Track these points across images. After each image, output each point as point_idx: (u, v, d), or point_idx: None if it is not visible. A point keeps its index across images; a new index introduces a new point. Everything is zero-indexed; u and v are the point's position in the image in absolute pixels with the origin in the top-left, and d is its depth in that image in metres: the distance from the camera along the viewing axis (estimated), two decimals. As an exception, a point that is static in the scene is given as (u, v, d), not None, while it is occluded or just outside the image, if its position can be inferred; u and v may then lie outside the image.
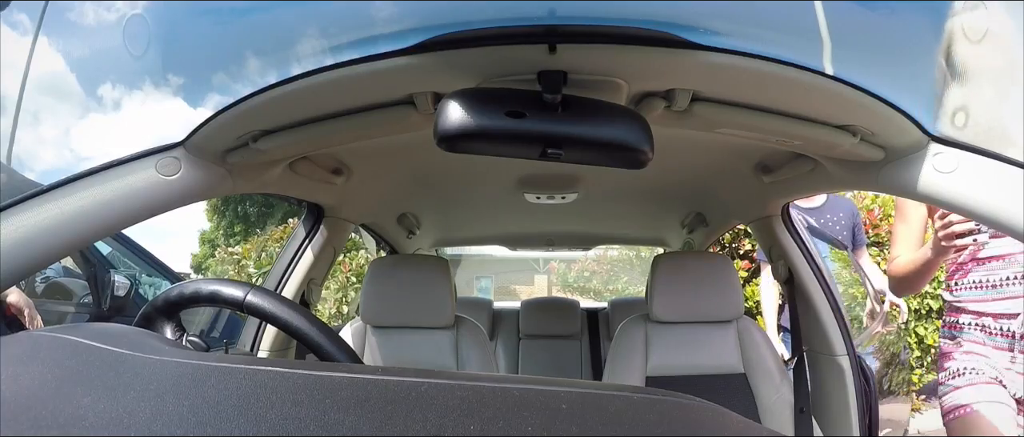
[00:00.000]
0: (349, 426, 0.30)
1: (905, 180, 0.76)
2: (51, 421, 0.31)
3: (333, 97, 0.70)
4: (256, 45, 0.63)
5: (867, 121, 0.74)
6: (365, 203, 1.60)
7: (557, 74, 0.61)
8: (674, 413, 0.33)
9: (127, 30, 0.64)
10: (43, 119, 0.71)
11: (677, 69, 0.66)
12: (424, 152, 1.17)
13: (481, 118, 0.59)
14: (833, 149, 0.83)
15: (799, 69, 0.61)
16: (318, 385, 0.33)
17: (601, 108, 0.63)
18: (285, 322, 0.54)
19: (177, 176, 0.72)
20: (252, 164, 0.85)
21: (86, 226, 0.66)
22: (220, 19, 0.65)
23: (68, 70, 0.67)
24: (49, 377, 0.35)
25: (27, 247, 0.63)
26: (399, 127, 0.78)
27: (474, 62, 0.62)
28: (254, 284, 0.59)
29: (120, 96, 0.66)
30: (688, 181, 1.47)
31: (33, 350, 0.38)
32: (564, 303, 2.95)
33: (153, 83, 0.66)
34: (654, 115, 0.73)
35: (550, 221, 2.13)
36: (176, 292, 0.57)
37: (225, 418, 0.31)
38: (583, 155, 0.64)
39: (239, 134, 0.76)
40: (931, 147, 0.72)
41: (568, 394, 0.33)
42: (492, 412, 0.31)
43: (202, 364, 0.36)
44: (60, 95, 0.67)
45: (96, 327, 0.43)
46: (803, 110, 0.75)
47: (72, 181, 0.66)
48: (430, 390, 0.33)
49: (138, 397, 0.33)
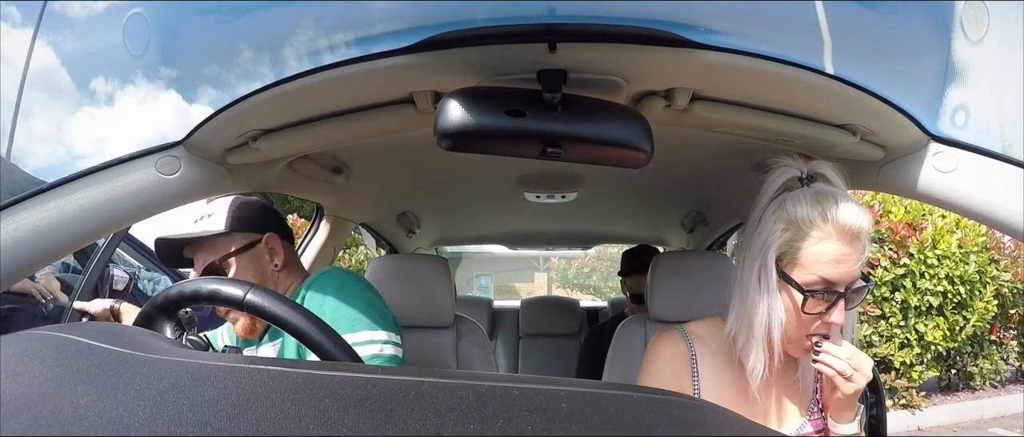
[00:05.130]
0: (349, 425, 0.30)
1: (905, 179, 0.76)
2: (50, 420, 0.31)
3: (333, 96, 0.70)
4: (256, 44, 0.63)
5: (867, 120, 0.74)
6: (365, 202, 1.60)
7: (557, 73, 0.61)
8: (674, 412, 0.33)
9: (127, 28, 0.64)
10: (41, 117, 0.70)
11: (677, 68, 0.66)
12: (424, 151, 1.17)
13: (481, 117, 0.59)
14: (833, 148, 0.83)
15: (799, 68, 0.61)
16: (318, 384, 0.33)
17: (601, 107, 0.63)
18: (285, 321, 0.54)
19: (177, 175, 0.72)
20: (252, 163, 0.85)
21: (86, 225, 0.66)
22: (220, 18, 0.65)
23: (66, 68, 0.67)
24: (48, 376, 0.35)
25: (28, 245, 0.63)
26: (399, 126, 0.78)
27: (474, 61, 0.62)
28: (253, 283, 0.59)
29: (119, 95, 0.66)
30: (688, 180, 1.47)
31: (32, 349, 0.38)
32: (564, 302, 2.95)
33: (152, 82, 0.66)
34: (654, 114, 0.73)
35: (550, 220, 2.13)
36: (176, 291, 0.57)
37: (225, 417, 0.30)
38: (583, 154, 0.64)
39: (239, 133, 0.76)
40: (931, 146, 0.72)
41: (568, 393, 0.33)
42: (492, 411, 0.31)
43: (202, 363, 0.36)
44: (58, 93, 0.67)
45: (96, 326, 0.43)
46: (803, 109, 0.75)
47: (72, 180, 0.66)
48: (430, 389, 0.33)
49: (138, 396, 0.33)
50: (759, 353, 0.77)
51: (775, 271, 0.75)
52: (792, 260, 0.74)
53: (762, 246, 0.76)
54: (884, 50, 0.65)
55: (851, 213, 0.71)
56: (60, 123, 0.68)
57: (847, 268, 0.72)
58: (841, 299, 0.72)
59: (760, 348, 0.76)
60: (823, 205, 0.72)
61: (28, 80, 0.64)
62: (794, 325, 0.75)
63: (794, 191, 0.76)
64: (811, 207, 0.72)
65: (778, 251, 0.74)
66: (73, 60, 0.66)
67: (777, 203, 0.76)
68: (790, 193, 0.76)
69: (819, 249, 0.72)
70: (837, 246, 0.71)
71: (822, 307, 0.73)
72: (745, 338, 0.78)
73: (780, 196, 0.77)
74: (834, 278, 0.72)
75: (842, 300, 0.73)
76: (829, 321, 0.73)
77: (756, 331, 0.76)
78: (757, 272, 0.76)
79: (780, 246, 0.74)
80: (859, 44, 0.64)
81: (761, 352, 0.76)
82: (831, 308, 0.73)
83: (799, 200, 0.74)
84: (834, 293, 0.72)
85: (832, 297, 0.73)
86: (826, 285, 0.72)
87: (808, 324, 0.75)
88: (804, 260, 0.73)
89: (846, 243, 0.71)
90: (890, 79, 0.65)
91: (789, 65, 0.61)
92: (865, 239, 0.73)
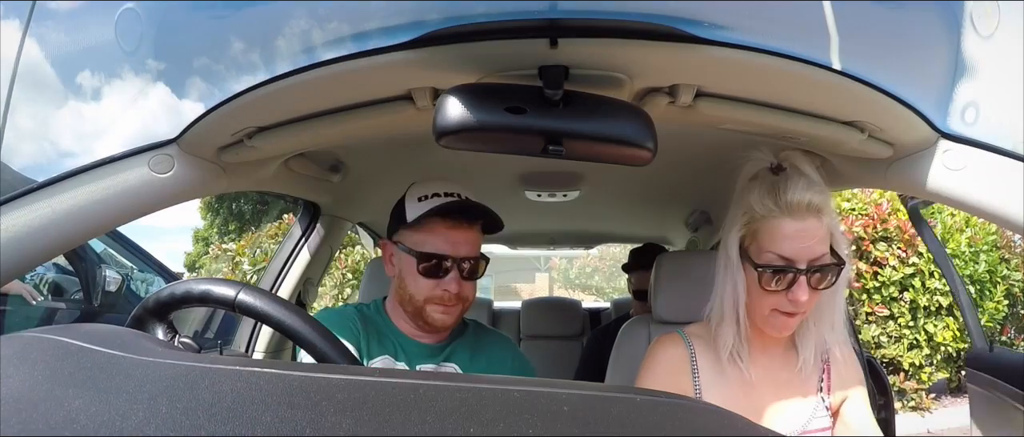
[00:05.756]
0: (345, 429, 0.29)
1: (914, 177, 0.75)
2: (42, 424, 0.30)
3: (329, 93, 0.70)
4: (251, 39, 0.62)
5: (875, 117, 0.73)
6: (362, 201, 1.59)
7: (558, 69, 0.61)
8: (677, 415, 0.32)
9: (119, 24, 0.63)
10: (31, 115, 0.70)
11: (681, 64, 0.65)
12: (423, 149, 1.17)
13: (481, 114, 0.58)
14: (840, 146, 0.82)
15: (805, 64, 0.61)
16: (314, 387, 0.33)
17: (603, 104, 0.62)
18: (278, 321, 0.54)
19: (170, 174, 0.71)
20: (247, 161, 0.84)
21: (78, 225, 0.65)
22: (214, 13, 0.64)
23: (56, 64, 0.66)
24: (39, 379, 0.35)
25: (17, 247, 0.62)
26: (397, 123, 0.78)
27: (473, 57, 0.61)
28: (246, 283, 0.58)
29: (111, 92, 0.65)
30: (692, 178, 1.46)
31: (23, 351, 0.38)
32: (566, 303, 2.95)
33: (145, 78, 0.65)
34: (657, 111, 0.72)
35: (551, 219, 2.12)
36: (167, 293, 0.57)
37: (219, 421, 0.30)
38: (585, 152, 0.64)
39: (233, 131, 0.75)
40: (940, 144, 0.71)
41: (570, 396, 0.32)
42: (492, 414, 0.30)
43: (195, 366, 0.35)
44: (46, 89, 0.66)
45: (87, 328, 0.42)
46: (809, 106, 0.74)
47: (63, 179, 0.65)
48: (429, 392, 0.32)
49: (130, 399, 0.32)
50: (728, 329, 0.83)
51: (737, 252, 0.81)
52: (753, 240, 0.80)
53: (727, 232, 0.83)
54: (892, 45, 0.65)
55: (800, 190, 0.76)
56: (47, 120, 0.67)
57: (802, 244, 0.76)
58: (801, 276, 0.76)
59: (730, 324, 0.82)
60: (776, 187, 0.78)
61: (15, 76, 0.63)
62: (758, 302, 0.80)
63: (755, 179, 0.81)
64: (765, 191, 0.78)
65: (740, 234, 0.81)
66: (63, 56, 0.66)
67: (741, 191, 0.83)
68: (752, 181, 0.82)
69: (772, 226, 0.77)
70: (788, 222, 0.76)
71: (784, 284, 0.77)
72: (718, 318, 0.84)
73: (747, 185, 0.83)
74: (790, 255, 0.76)
75: (803, 277, 0.76)
76: (795, 298, 0.77)
77: (725, 310, 0.82)
78: (724, 256, 0.83)
79: (741, 229, 0.81)
80: (867, 39, 0.63)
81: (730, 328, 0.83)
82: (792, 285, 0.76)
83: (755, 187, 0.80)
84: (793, 269, 0.76)
85: (791, 274, 0.76)
86: (785, 261, 0.76)
87: (773, 300, 0.79)
88: (761, 239, 0.78)
89: (797, 219, 0.76)
90: (898, 75, 0.65)
91: (795, 61, 0.60)
92: (822, 215, 0.77)
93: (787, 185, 0.77)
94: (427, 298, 0.91)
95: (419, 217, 0.90)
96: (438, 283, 0.90)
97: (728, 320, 0.82)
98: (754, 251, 0.79)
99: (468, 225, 0.93)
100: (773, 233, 0.77)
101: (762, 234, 0.78)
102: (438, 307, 0.91)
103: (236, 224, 10.91)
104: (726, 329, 0.83)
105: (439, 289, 0.90)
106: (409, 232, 0.92)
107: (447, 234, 0.91)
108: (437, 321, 0.92)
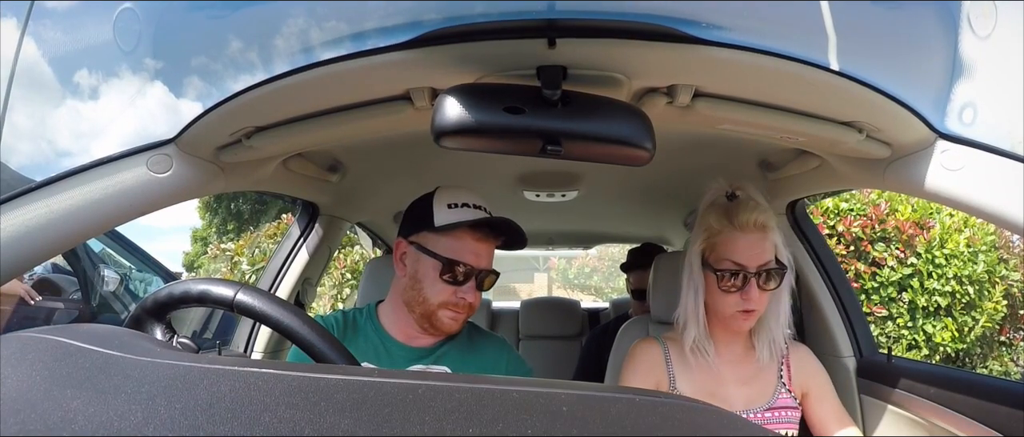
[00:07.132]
0: (344, 429, 0.29)
1: (912, 178, 0.75)
2: (40, 424, 0.30)
3: (328, 93, 0.70)
4: (250, 39, 0.62)
5: (873, 117, 0.73)
6: (361, 201, 1.59)
7: (556, 69, 0.60)
8: (677, 416, 0.32)
9: (117, 24, 0.63)
10: (29, 114, 0.69)
11: (679, 64, 0.65)
12: (421, 149, 1.16)
13: (479, 114, 0.58)
14: (838, 146, 0.82)
15: (803, 64, 0.61)
16: (312, 387, 0.32)
17: (601, 104, 0.62)
18: (276, 321, 0.54)
19: (168, 174, 0.71)
20: (245, 161, 0.84)
21: (76, 225, 0.65)
22: (212, 13, 0.64)
23: (54, 63, 0.66)
24: (37, 379, 0.35)
25: (16, 246, 0.62)
26: (395, 123, 0.77)
27: (471, 57, 0.61)
28: (244, 283, 0.58)
29: (109, 91, 0.65)
30: (690, 178, 1.46)
31: (21, 352, 0.38)
32: (564, 303, 2.94)
33: (143, 78, 0.64)
34: (656, 111, 0.72)
35: (550, 219, 2.12)
36: (165, 293, 0.56)
37: (217, 421, 0.30)
38: (583, 152, 0.63)
39: (232, 131, 0.75)
40: (939, 144, 0.71)
41: (569, 396, 0.32)
42: (491, 415, 0.30)
43: (194, 366, 0.35)
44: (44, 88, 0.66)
45: (85, 328, 0.42)
46: (807, 106, 0.74)
47: (61, 179, 0.65)
48: (428, 392, 0.32)
49: (129, 400, 0.32)
50: (692, 325, 1.01)
51: (699, 263, 0.99)
52: (712, 251, 0.98)
53: (690, 246, 1.01)
54: (890, 46, 0.65)
55: (750, 211, 0.95)
56: (45, 119, 0.67)
57: (751, 252, 0.94)
58: (752, 277, 0.94)
59: (693, 323, 1.01)
60: (730, 210, 0.96)
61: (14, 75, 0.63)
62: (721, 303, 0.97)
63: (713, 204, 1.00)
64: (722, 213, 0.97)
65: (701, 247, 0.99)
66: (61, 55, 0.65)
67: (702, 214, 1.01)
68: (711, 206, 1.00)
69: (727, 239, 0.95)
70: (740, 235, 0.94)
71: (738, 284, 0.94)
72: (684, 317, 1.02)
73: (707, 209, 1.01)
74: (743, 261, 0.94)
75: (754, 279, 0.94)
76: (748, 297, 0.94)
77: (688, 311, 1.01)
78: (688, 267, 1.01)
79: (702, 243, 0.99)
80: (865, 39, 0.63)
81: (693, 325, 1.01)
82: (745, 286, 0.94)
83: (713, 210, 0.98)
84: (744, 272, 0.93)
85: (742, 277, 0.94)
86: (738, 266, 0.94)
87: (732, 301, 0.96)
88: (719, 250, 0.96)
89: (748, 233, 0.94)
90: (896, 75, 0.65)
91: (793, 61, 0.60)
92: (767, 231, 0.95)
93: (739, 208, 0.95)
94: (442, 303, 0.92)
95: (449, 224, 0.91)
96: (457, 290, 0.92)
97: (691, 319, 1.01)
98: (713, 259, 0.97)
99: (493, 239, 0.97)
100: (728, 244, 0.95)
101: (719, 246, 0.96)
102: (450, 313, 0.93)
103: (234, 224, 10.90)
104: (690, 326, 1.01)
105: (456, 296, 0.92)
106: (435, 237, 0.93)
107: (475, 246, 0.93)
108: (447, 326, 0.94)
